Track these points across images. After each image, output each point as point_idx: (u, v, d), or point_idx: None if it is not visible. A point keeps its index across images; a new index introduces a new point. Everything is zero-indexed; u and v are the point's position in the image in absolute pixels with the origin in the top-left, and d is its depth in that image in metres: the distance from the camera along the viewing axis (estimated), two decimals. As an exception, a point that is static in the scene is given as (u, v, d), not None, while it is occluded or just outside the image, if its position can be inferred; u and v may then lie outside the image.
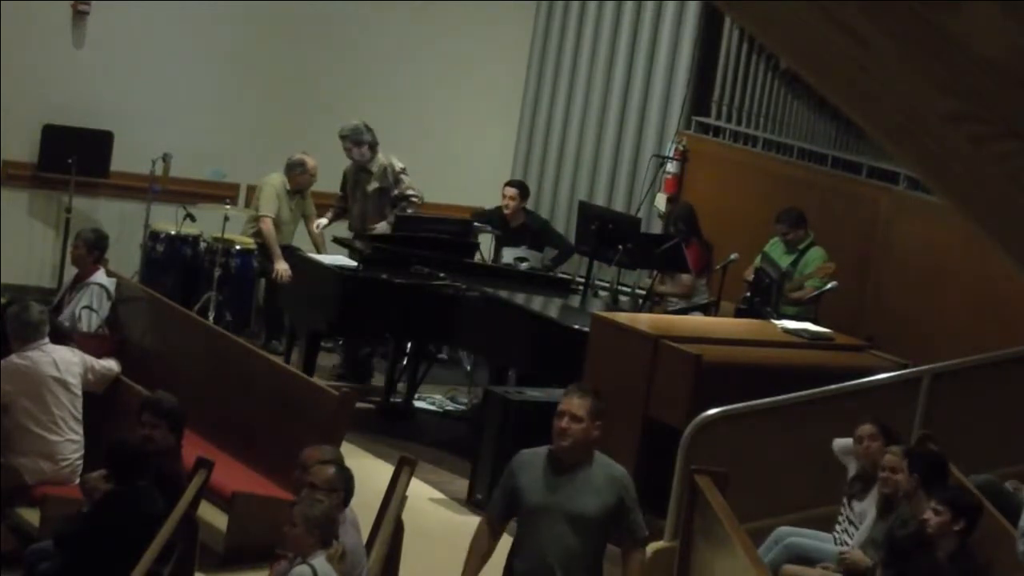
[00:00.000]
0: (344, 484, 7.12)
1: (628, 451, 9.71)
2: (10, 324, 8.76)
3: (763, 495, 8.64)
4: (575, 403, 6.80)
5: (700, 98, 13.45)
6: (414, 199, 12.57)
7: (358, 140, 12.47)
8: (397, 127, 14.21)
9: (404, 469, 7.59)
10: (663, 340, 9.59)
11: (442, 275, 11.40)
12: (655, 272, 12.07)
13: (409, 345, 12.16)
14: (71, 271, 11.13)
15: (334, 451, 7.62)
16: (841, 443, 8.45)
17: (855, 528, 8.19)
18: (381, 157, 12.55)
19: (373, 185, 12.48)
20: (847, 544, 8.15)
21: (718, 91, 13.24)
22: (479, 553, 6.88)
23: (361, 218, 12.56)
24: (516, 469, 6.89)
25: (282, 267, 12.33)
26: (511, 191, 13.01)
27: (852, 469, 8.37)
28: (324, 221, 12.78)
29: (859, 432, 8.33)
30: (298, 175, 12.78)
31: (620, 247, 11.77)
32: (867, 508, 8.15)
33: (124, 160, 13.19)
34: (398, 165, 12.62)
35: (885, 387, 9.26)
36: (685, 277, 12.06)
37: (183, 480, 7.57)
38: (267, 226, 12.67)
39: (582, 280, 11.91)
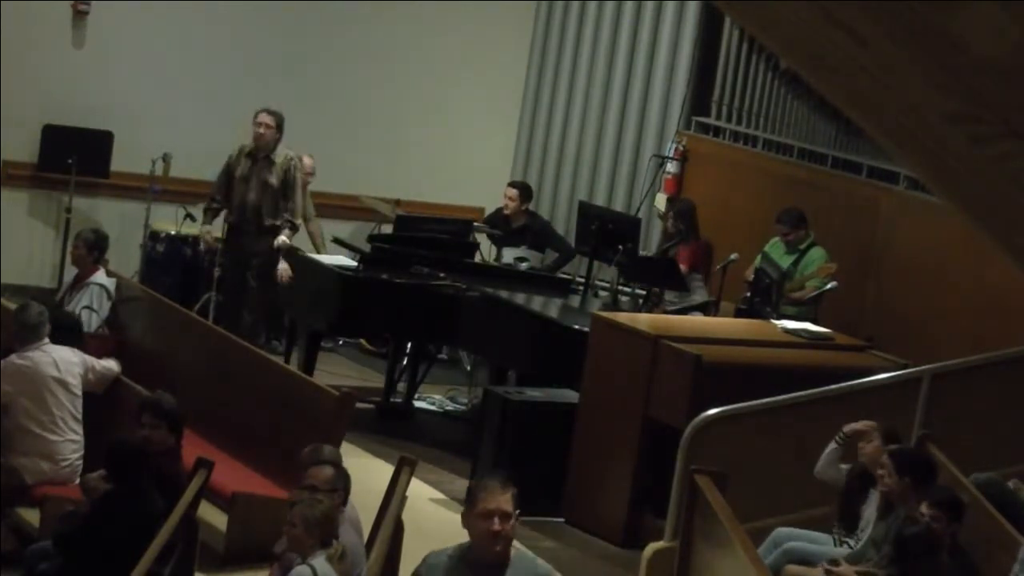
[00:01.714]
0: (344, 483, 7.12)
1: (628, 451, 9.72)
2: (13, 324, 8.77)
3: (763, 495, 8.64)
4: (501, 499, 5.92)
5: (700, 98, 13.45)
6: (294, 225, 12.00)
7: (280, 124, 11.94)
8: (397, 127, 14.22)
9: (404, 469, 7.59)
10: (663, 340, 9.59)
11: (442, 275, 11.40)
12: None
13: (409, 345, 12.16)
14: (71, 271, 11.13)
15: (333, 451, 7.63)
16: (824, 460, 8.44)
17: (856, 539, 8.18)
18: (287, 150, 12.04)
19: (275, 177, 11.90)
20: (849, 546, 8.15)
21: (718, 91, 13.23)
22: None
23: (255, 210, 11.91)
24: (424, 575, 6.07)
25: (283, 267, 12.24)
26: (511, 191, 13.03)
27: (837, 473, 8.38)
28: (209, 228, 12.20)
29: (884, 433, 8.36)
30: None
31: (620, 247, 11.77)
32: (870, 514, 8.14)
33: (124, 160, 13.19)
34: (308, 162, 12.30)
35: (885, 387, 9.26)
36: None
37: (183, 480, 7.57)
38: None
39: (582, 280, 11.91)
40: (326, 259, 11.75)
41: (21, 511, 8.42)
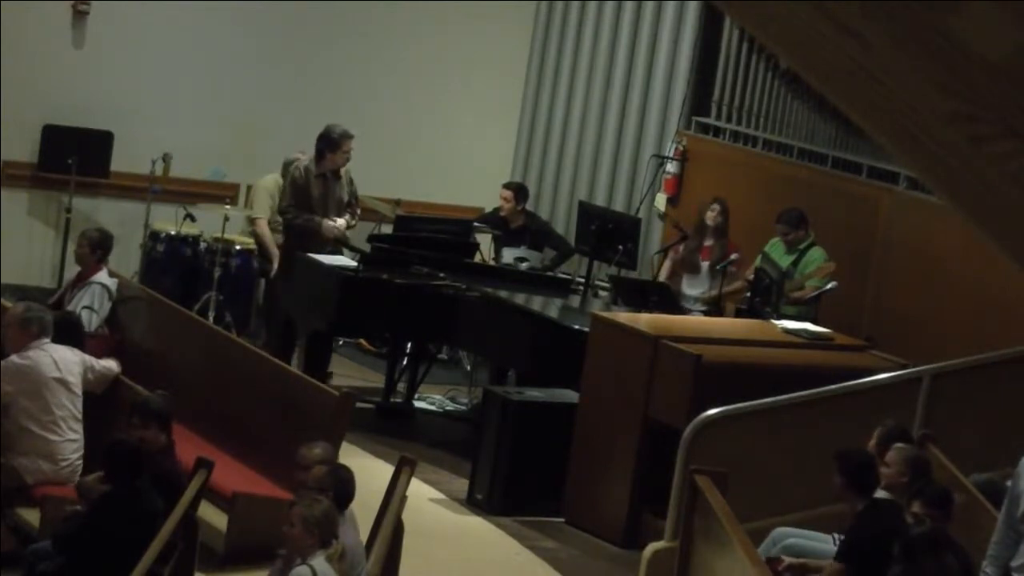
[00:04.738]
0: (333, 484, 7.11)
1: (628, 451, 9.72)
2: (32, 321, 8.71)
3: (763, 495, 8.64)
4: None
5: (700, 98, 13.45)
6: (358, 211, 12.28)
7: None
8: (397, 127, 14.22)
9: (404, 469, 7.60)
10: (663, 340, 9.59)
11: (442, 275, 11.40)
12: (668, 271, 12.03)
13: (409, 345, 12.16)
14: (71, 271, 11.13)
15: (326, 447, 7.64)
16: None
17: None
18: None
19: (345, 192, 12.06)
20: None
21: (718, 91, 13.23)
22: None
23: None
24: None
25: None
26: (506, 193, 13.01)
27: None
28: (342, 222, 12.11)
29: (875, 433, 8.38)
30: (291, 174, 12.74)
31: (620, 247, 11.76)
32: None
33: (124, 160, 13.19)
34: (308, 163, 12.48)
35: (885, 387, 9.26)
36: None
37: (180, 478, 7.58)
38: (261, 227, 12.66)
39: (582, 280, 11.91)
40: (326, 259, 11.75)
41: (21, 511, 8.41)
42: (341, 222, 11.91)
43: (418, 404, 12.11)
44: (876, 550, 7.50)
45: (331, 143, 11.92)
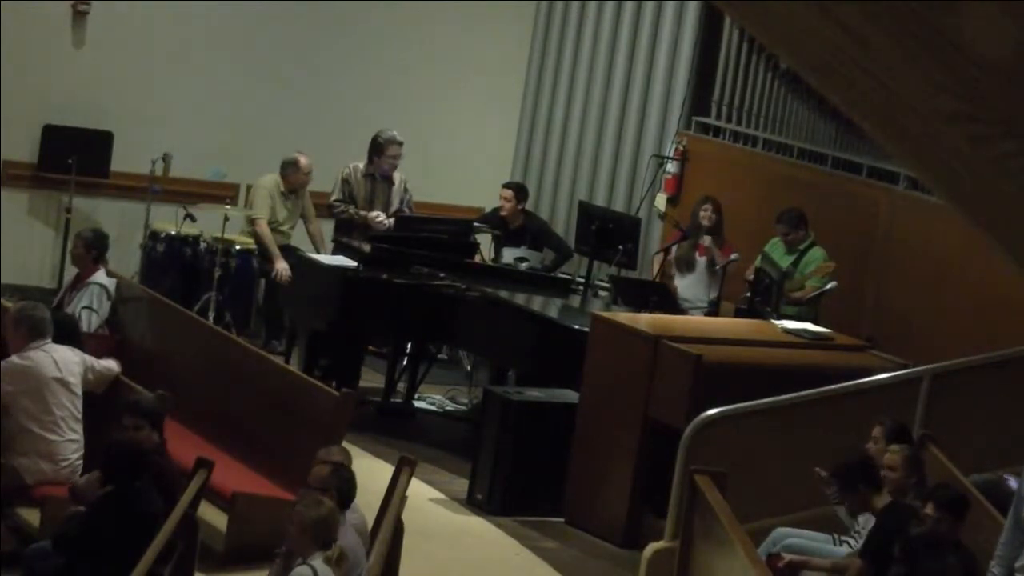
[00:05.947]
0: (336, 484, 7.11)
1: (628, 451, 9.72)
2: (22, 320, 8.72)
3: (763, 495, 8.64)
4: None
5: (700, 98, 13.44)
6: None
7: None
8: (397, 127, 14.19)
9: (404, 469, 7.60)
10: (663, 340, 9.59)
11: (442, 275, 11.40)
12: (659, 272, 12.03)
13: (409, 345, 12.16)
14: (71, 271, 11.13)
15: (341, 451, 7.64)
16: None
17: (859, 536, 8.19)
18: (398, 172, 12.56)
19: (396, 199, 12.43)
20: (849, 545, 8.15)
21: (718, 91, 13.23)
22: None
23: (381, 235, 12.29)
24: None
25: (281, 266, 12.36)
26: (507, 193, 13.00)
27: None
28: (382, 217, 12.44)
29: (873, 433, 8.38)
30: (290, 174, 12.77)
31: (620, 247, 11.75)
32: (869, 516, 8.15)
33: (124, 160, 13.19)
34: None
35: (885, 387, 9.26)
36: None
37: (175, 476, 7.58)
38: (260, 227, 12.67)
39: (582, 280, 11.91)
40: (326, 259, 11.75)
41: (21, 511, 8.41)
42: (388, 220, 12.26)
43: (418, 404, 12.11)
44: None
45: (377, 147, 12.45)
